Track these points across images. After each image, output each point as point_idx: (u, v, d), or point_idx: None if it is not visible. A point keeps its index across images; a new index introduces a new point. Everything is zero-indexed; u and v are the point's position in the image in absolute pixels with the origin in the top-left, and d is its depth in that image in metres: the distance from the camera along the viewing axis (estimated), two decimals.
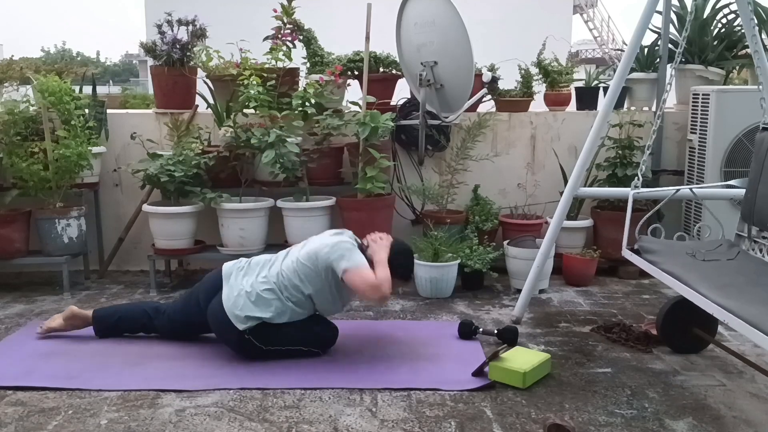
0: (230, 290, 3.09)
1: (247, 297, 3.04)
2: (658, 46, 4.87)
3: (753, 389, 2.83)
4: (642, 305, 3.98)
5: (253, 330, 3.02)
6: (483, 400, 2.73)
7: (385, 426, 2.53)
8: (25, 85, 4.62)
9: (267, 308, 3.03)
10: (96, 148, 4.41)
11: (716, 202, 4.03)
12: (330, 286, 3.08)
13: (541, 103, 4.97)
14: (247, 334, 3.02)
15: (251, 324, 3.01)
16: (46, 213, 4.19)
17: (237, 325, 3.01)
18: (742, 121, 4.24)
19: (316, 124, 4.34)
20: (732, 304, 2.37)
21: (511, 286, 4.29)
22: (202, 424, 2.54)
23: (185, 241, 4.28)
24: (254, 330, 3.02)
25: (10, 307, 3.99)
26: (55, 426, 2.54)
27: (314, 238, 3.25)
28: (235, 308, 3.02)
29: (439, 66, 4.32)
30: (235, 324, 3.01)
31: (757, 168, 3.11)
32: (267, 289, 3.06)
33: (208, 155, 4.27)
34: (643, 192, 3.42)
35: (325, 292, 3.09)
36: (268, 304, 3.03)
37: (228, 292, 3.09)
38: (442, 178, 4.73)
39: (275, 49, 4.39)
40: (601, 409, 2.65)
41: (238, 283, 3.10)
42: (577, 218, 4.59)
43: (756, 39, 3.19)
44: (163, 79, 4.65)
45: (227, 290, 3.10)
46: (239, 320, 3.01)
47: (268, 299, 3.04)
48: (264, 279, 3.10)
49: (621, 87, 3.42)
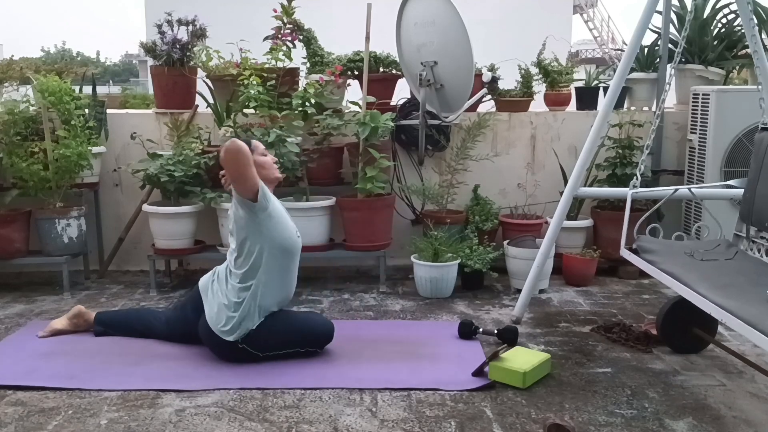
0: (210, 307, 3.10)
1: (226, 309, 3.04)
2: (658, 46, 4.87)
3: (753, 389, 2.83)
4: (642, 305, 3.98)
5: (245, 338, 3.02)
6: (483, 400, 2.73)
7: (385, 426, 2.53)
8: (25, 85, 4.62)
9: (246, 312, 3.01)
10: (96, 148, 4.41)
11: (716, 202, 4.03)
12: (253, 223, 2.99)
13: (541, 103, 4.97)
14: (240, 344, 3.03)
15: (240, 333, 3.02)
16: (46, 213, 4.19)
17: (227, 338, 3.02)
18: (742, 121, 4.24)
19: (316, 124, 4.34)
20: (731, 304, 2.37)
21: (511, 286, 4.30)
22: (202, 424, 2.54)
23: (185, 241, 4.29)
24: (246, 338, 3.03)
25: (10, 307, 3.99)
26: (55, 426, 2.54)
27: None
28: (219, 324, 3.03)
29: (439, 66, 4.32)
30: (225, 339, 3.03)
31: (756, 168, 3.11)
32: (234, 288, 3.04)
33: (208, 155, 4.27)
34: (641, 192, 3.42)
35: (253, 232, 3.01)
36: (244, 306, 3.01)
37: (209, 309, 3.10)
38: (442, 178, 4.73)
39: (275, 49, 4.39)
40: (601, 409, 2.65)
41: (215, 297, 3.11)
42: (577, 218, 4.59)
43: (756, 39, 3.19)
44: (163, 79, 4.65)
45: (208, 308, 3.11)
46: (227, 333, 3.02)
47: (241, 300, 3.02)
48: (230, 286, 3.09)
49: (621, 87, 3.42)
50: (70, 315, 3.47)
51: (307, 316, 3.38)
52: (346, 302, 4.06)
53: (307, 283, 4.33)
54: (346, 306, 3.98)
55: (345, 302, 4.06)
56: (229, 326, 3.01)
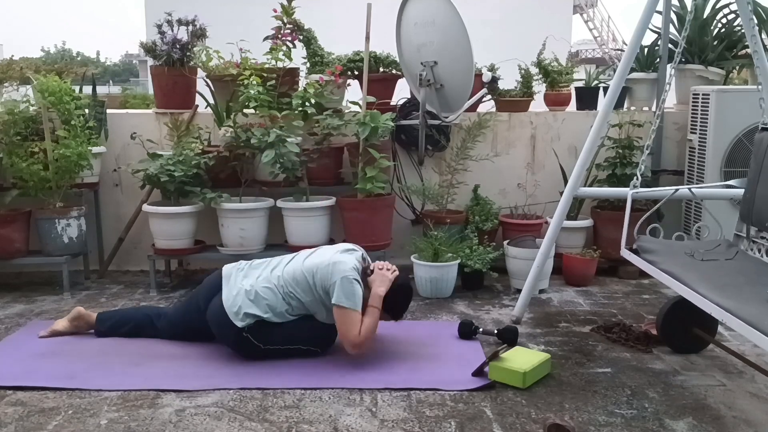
0: (229, 290, 3.11)
1: (246, 295, 3.05)
2: (658, 46, 4.87)
3: (753, 389, 2.83)
4: (642, 305, 3.98)
5: (251, 327, 3.03)
6: (483, 400, 2.73)
7: (385, 426, 2.53)
8: (25, 85, 4.62)
9: (265, 307, 3.04)
10: (96, 148, 4.41)
11: (716, 202, 4.03)
12: (323, 302, 3.08)
13: (541, 103, 4.97)
14: (245, 332, 3.03)
15: (249, 321, 3.02)
16: (46, 213, 4.19)
17: (235, 322, 3.02)
18: (742, 121, 4.25)
19: (316, 124, 4.34)
20: (731, 304, 2.37)
21: (511, 286, 4.30)
22: (202, 424, 2.54)
23: (185, 241, 4.28)
24: (252, 328, 3.03)
25: (10, 307, 3.99)
26: (55, 426, 2.54)
27: (324, 250, 3.26)
28: (233, 306, 3.04)
29: (439, 66, 4.32)
30: (233, 321, 3.02)
31: (756, 168, 3.11)
32: (266, 287, 3.07)
33: (208, 155, 4.27)
34: (641, 192, 3.42)
35: (318, 304, 3.10)
36: (267, 303, 3.04)
37: (227, 292, 3.10)
38: (442, 178, 4.73)
39: (275, 49, 4.39)
40: (601, 409, 2.65)
41: (238, 283, 3.12)
42: (577, 218, 4.59)
43: (756, 39, 3.19)
44: (163, 79, 4.65)
45: (227, 290, 3.11)
46: (237, 317, 3.02)
47: (267, 298, 3.05)
48: (264, 279, 3.11)
49: (621, 87, 3.42)
50: (70, 317, 3.46)
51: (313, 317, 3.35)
52: None
53: None
54: None
55: None
56: (243, 311, 3.01)
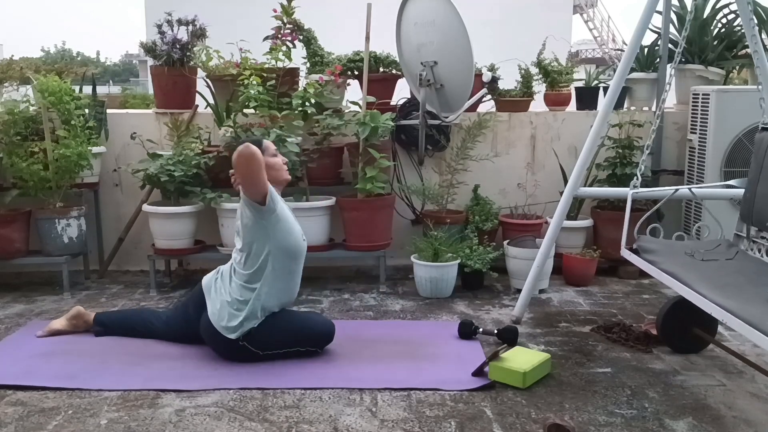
0: (213, 304, 3.10)
1: (229, 306, 3.05)
2: (658, 46, 4.87)
3: (753, 389, 2.83)
4: (642, 305, 3.98)
5: (246, 336, 3.03)
6: (483, 400, 2.73)
7: (385, 426, 2.53)
8: (25, 85, 4.62)
9: (249, 312, 3.02)
10: (96, 148, 4.41)
11: (716, 202, 4.03)
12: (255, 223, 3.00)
13: (541, 103, 4.97)
14: (240, 341, 3.03)
15: (242, 331, 3.02)
16: (46, 213, 4.19)
17: (228, 335, 3.03)
18: (742, 121, 4.24)
19: (316, 124, 4.34)
20: (731, 304, 2.37)
21: (511, 286, 4.29)
22: (202, 424, 2.54)
23: (185, 241, 4.28)
24: (248, 336, 3.03)
25: (10, 307, 3.99)
26: (55, 426, 2.54)
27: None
28: (221, 321, 3.04)
29: (439, 66, 4.32)
30: (226, 335, 3.03)
31: (756, 168, 3.11)
32: (239, 287, 3.05)
33: (208, 155, 4.27)
34: (641, 192, 3.42)
35: (255, 232, 3.01)
36: (248, 305, 3.02)
37: (212, 306, 3.10)
38: (442, 178, 4.73)
39: (275, 49, 4.39)
40: (601, 409, 2.65)
41: (219, 295, 3.12)
42: (577, 218, 4.59)
43: (756, 39, 3.19)
44: (163, 79, 4.65)
45: (211, 305, 3.11)
46: (229, 331, 3.03)
47: (246, 299, 3.04)
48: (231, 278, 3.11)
49: (621, 87, 3.42)
50: (69, 316, 3.47)
51: (308, 316, 3.39)
52: (346, 302, 4.06)
53: (307, 283, 4.30)
54: (346, 306, 3.99)
55: (345, 302, 4.06)
56: (232, 324, 3.02)
